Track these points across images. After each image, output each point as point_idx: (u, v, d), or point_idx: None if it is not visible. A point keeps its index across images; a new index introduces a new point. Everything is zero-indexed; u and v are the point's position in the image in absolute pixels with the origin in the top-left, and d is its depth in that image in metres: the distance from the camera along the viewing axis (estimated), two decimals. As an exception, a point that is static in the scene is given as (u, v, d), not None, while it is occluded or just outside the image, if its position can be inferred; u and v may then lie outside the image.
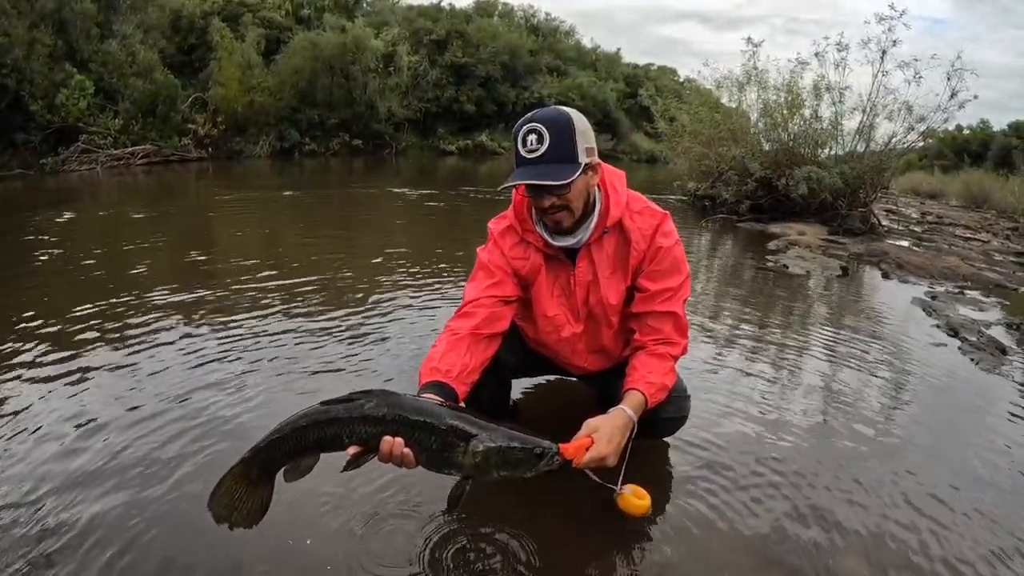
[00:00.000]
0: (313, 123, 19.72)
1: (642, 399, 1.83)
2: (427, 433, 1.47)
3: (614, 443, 1.68)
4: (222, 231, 7.23)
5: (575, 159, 1.77)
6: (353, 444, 1.47)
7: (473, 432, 1.47)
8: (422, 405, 1.53)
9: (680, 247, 2.02)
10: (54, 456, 2.19)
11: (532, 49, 27.83)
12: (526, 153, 1.76)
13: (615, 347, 2.17)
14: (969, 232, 9.20)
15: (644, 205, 2.01)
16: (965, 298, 5.19)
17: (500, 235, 2.06)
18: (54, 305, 3.85)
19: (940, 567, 1.81)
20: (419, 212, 9.26)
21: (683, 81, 16.59)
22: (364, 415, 1.47)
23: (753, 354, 3.51)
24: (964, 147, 31.09)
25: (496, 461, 1.48)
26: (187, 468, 2.13)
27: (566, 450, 1.57)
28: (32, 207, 8.45)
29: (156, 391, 2.72)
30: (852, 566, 1.79)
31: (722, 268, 6.22)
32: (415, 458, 1.47)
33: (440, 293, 4.40)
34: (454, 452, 1.47)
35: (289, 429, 1.50)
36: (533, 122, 1.76)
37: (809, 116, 9.23)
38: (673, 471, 2.26)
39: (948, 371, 3.47)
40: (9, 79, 12.77)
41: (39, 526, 1.81)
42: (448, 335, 1.87)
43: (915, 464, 2.39)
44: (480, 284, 2.00)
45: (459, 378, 1.75)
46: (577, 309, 2.07)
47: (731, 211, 9.26)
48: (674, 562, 1.79)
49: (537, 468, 1.52)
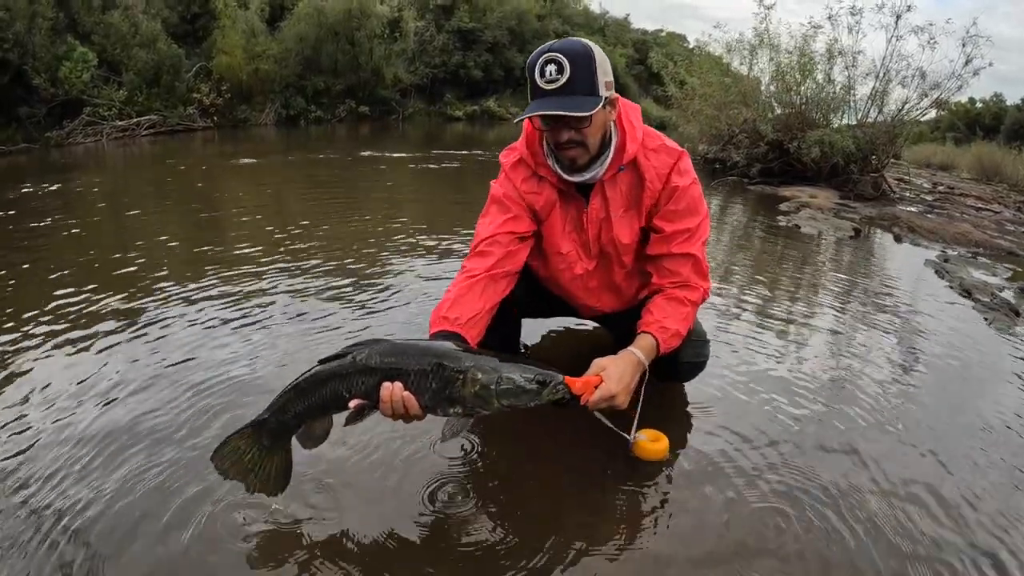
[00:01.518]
0: (319, 90, 19.51)
1: (653, 343, 1.80)
2: (423, 372, 1.45)
3: (624, 382, 1.64)
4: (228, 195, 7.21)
5: (596, 91, 1.70)
6: (355, 398, 1.46)
7: (470, 364, 1.45)
8: (415, 345, 1.51)
9: (698, 186, 1.96)
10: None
11: (540, 14, 27.38)
12: (544, 84, 1.68)
13: (628, 287, 2.13)
14: (981, 203, 9.07)
15: (660, 142, 1.94)
16: (977, 263, 5.13)
17: (512, 168, 1.99)
18: (68, 270, 3.85)
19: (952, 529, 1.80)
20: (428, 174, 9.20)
21: (692, 47, 16.31)
22: (359, 367, 1.46)
23: (764, 311, 3.47)
24: (977, 120, 30.64)
25: (497, 390, 1.44)
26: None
27: (573, 383, 1.53)
28: (41, 175, 8.43)
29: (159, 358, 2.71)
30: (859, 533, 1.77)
31: (734, 227, 6.20)
32: (418, 403, 1.45)
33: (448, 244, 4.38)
34: (453, 386, 1.44)
35: (291, 393, 1.51)
36: (552, 51, 1.68)
37: (822, 80, 9.10)
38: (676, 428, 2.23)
39: (962, 328, 3.44)
40: (11, 53, 12.64)
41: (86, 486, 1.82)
42: (463, 277, 1.84)
43: (929, 430, 2.38)
44: (495, 219, 1.95)
45: (469, 324, 1.72)
46: (589, 246, 2.01)
47: (742, 174, 9.17)
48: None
49: (541, 398, 1.48)
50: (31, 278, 3.79)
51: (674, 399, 2.37)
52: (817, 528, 1.73)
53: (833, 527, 1.73)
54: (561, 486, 1.90)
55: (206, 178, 8.45)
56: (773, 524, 1.74)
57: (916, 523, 1.78)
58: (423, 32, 23.12)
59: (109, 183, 8.15)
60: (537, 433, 2.13)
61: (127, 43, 14.93)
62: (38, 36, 13.12)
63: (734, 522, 1.74)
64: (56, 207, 6.04)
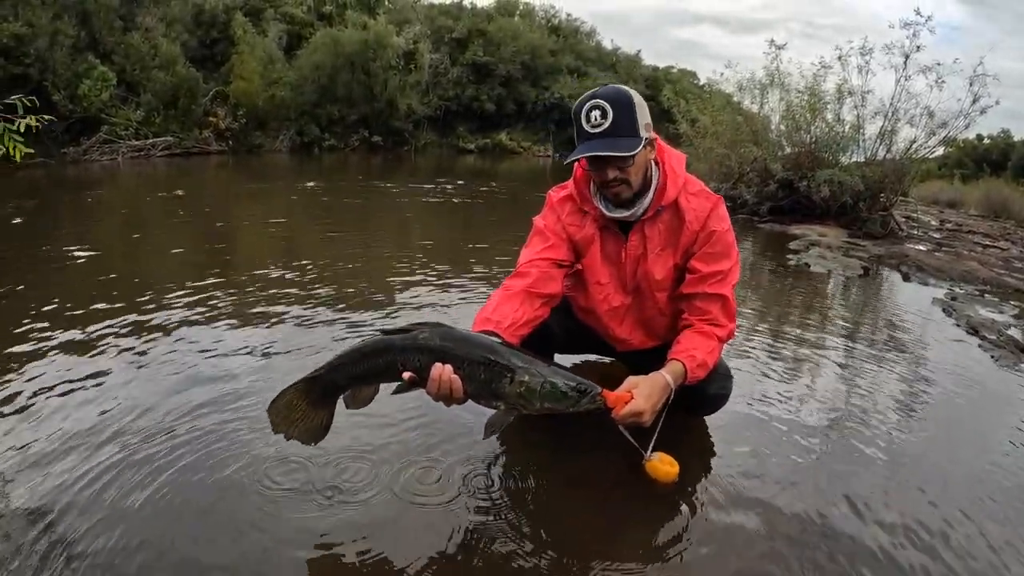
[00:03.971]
0: (333, 119, 19.81)
1: (682, 370, 1.87)
2: (475, 362, 1.55)
3: (651, 401, 1.73)
4: (244, 218, 7.27)
5: (637, 133, 1.84)
6: (408, 371, 1.55)
7: (520, 364, 1.55)
8: (473, 337, 1.64)
9: (732, 233, 2.06)
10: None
11: (553, 49, 27.78)
12: (590, 128, 1.83)
13: (659, 324, 2.21)
14: (988, 240, 9.05)
15: (700, 188, 2.05)
16: (984, 300, 5.10)
17: (559, 202, 2.13)
18: (80, 283, 3.87)
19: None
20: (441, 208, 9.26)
21: (703, 84, 16.49)
22: (418, 344, 1.57)
23: (773, 348, 3.44)
24: (984, 156, 30.64)
25: (540, 393, 1.55)
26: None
27: (608, 396, 1.62)
28: (63, 190, 8.53)
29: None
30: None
31: (744, 264, 6.16)
32: (463, 388, 1.55)
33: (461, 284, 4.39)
34: (500, 383, 1.55)
35: (350, 356, 1.62)
36: (596, 99, 1.83)
37: (831, 119, 9.17)
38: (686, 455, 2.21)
39: (968, 366, 3.39)
40: (32, 69, 12.92)
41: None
42: (502, 291, 1.97)
43: (935, 464, 2.34)
44: (534, 248, 2.07)
45: (510, 329, 1.82)
46: (625, 281, 2.12)
47: (752, 212, 9.18)
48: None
49: (579, 405, 1.58)
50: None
51: (685, 429, 2.34)
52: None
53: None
54: (567, 497, 1.92)
55: (218, 202, 8.52)
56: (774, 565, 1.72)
57: (919, 564, 1.73)
58: (438, 64, 23.46)
59: (129, 200, 8.21)
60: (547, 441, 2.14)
61: (146, 64, 15.23)
62: (59, 53, 13.41)
63: (735, 555, 1.72)
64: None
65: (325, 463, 1.97)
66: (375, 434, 2.17)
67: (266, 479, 1.88)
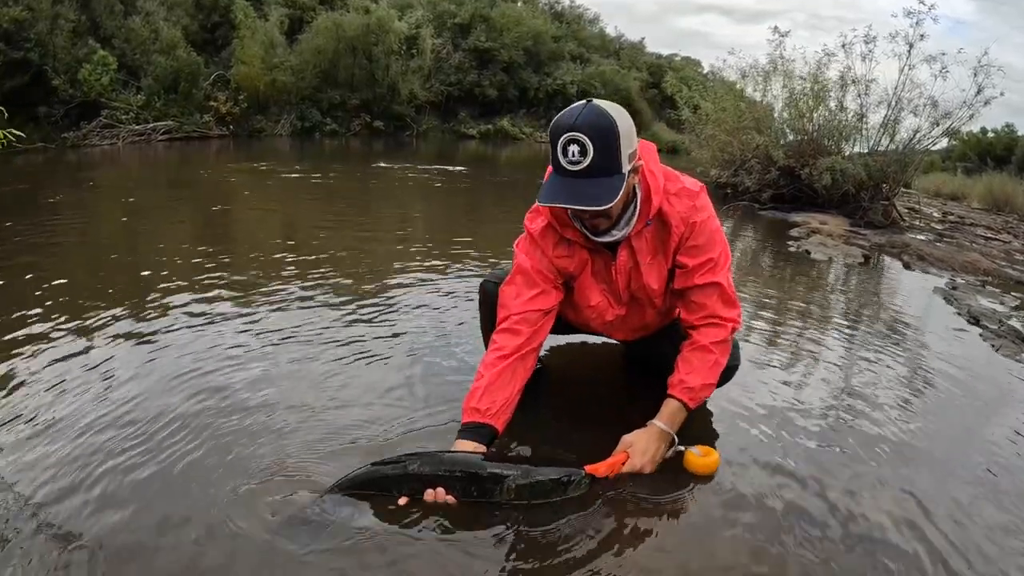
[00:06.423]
0: (334, 104, 19.66)
1: (679, 406, 1.90)
2: (466, 483, 1.69)
3: (649, 454, 1.81)
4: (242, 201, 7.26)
5: (619, 168, 1.68)
6: (403, 496, 1.70)
7: (506, 474, 1.69)
8: (459, 459, 1.74)
9: (714, 219, 1.99)
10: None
11: (556, 36, 27.54)
12: (567, 164, 1.66)
13: (658, 324, 2.21)
14: (990, 233, 9.02)
15: (680, 185, 1.94)
16: (986, 291, 5.10)
17: (540, 235, 1.98)
18: (80, 268, 3.87)
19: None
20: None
21: (707, 72, 16.41)
22: (409, 474, 1.70)
23: (771, 335, 3.45)
24: (988, 150, 30.44)
25: (529, 494, 1.70)
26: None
27: (596, 470, 1.74)
28: (61, 176, 8.51)
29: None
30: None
31: (744, 252, 6.15)
32: (457, 502, 1.67)
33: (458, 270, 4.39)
34: (492, 494, 1.70)
35: (347, 484, 1.73)
36: (574, 131, 1.63)
37: (835, 108, 9.12)
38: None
39: (969, 355, 3.40)
40: (32, 53, 12.83)
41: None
42: (494, 358, 1.91)
43: (935, 456, 2.34)
44: (522, 294, 1.97)
45: (500, 412, 1.83)
46: (619, 294, 2.06)
47: (753, 199, 9.16)
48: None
49: (567, 494, 1.73)
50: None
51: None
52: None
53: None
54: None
55: (221, 187, 8.49)
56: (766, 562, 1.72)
57: (918, 562, 1.73)
58: (440, 50, 23.30)
59: (132, 185, 8.19)
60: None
61: (147, 48, 15.12)
62: (60, 37, 13.32)
63: (728, 549, 1.73)
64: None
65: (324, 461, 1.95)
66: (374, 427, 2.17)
67: (267, 476, 1.85)
